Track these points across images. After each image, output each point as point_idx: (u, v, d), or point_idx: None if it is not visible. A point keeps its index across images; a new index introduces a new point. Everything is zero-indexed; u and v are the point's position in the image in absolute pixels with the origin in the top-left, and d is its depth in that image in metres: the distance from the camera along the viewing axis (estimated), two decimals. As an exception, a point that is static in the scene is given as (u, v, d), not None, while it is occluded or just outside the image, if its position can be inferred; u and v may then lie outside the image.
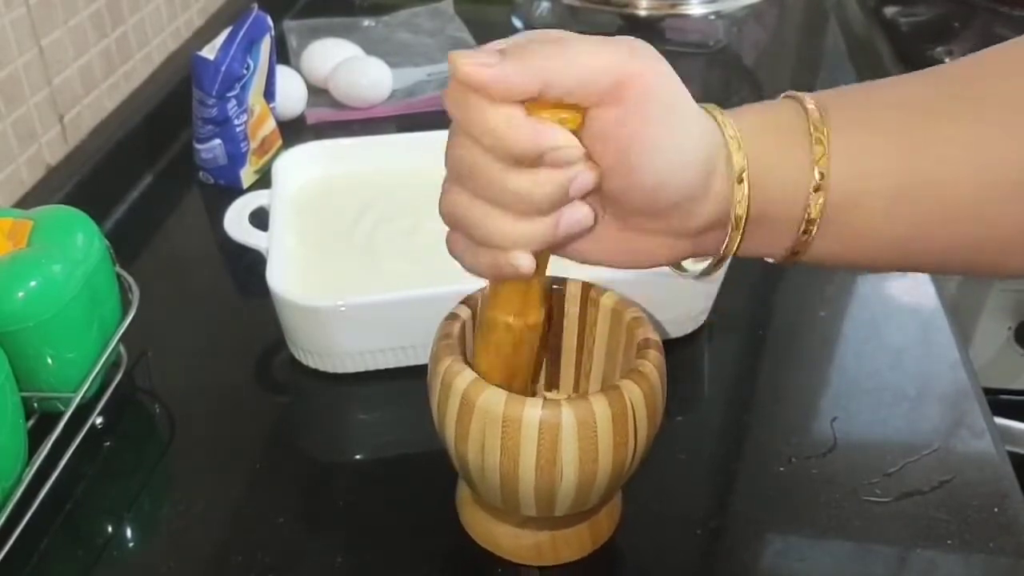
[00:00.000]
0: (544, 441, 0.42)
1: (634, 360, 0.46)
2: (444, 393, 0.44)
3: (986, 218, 0.36)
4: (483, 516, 0.50)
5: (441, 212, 0.38)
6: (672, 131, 0.34)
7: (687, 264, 0.41)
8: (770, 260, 0.39)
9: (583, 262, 0.43)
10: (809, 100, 0.37)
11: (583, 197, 0.36)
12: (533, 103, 0.34)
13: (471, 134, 0.34)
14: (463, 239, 0.38)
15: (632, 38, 0.35)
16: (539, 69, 0.33)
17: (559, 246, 0.38)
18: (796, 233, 0.37)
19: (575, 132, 0.34)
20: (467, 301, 0.49)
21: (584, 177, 0.35)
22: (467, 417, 0.43)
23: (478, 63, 0.33)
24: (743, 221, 0.36)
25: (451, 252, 0.39)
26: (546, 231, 0.36)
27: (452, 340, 0.46)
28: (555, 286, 0.50)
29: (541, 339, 0.46)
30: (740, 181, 0.36)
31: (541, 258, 0.38)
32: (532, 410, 0.42)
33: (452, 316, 0.48)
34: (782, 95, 0.39)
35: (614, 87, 0.33)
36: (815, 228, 0.36)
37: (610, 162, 0.35)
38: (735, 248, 0.37)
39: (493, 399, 0.42)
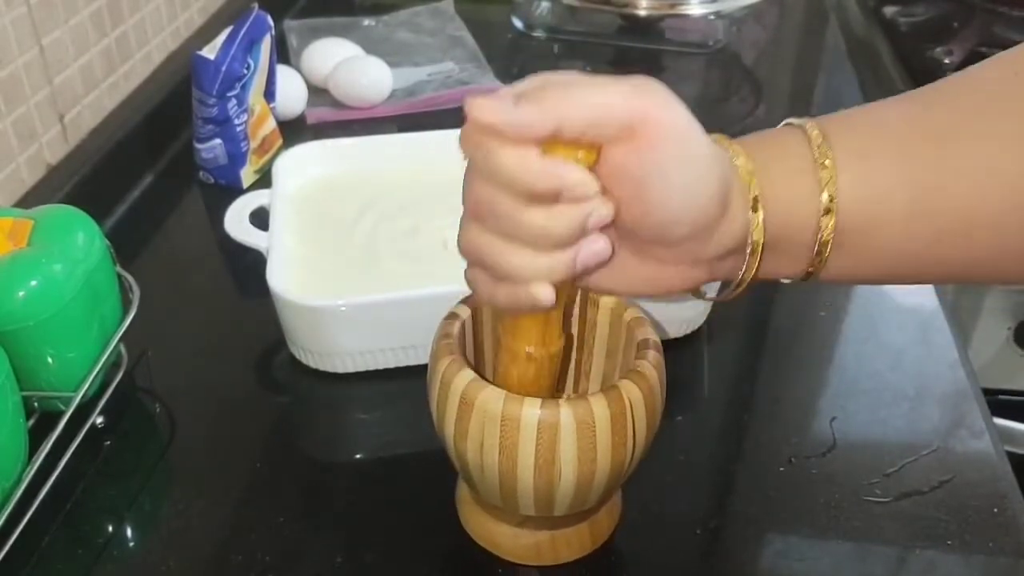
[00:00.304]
0: (543, 440, 0.42)
1: (633, 360, 0.46)
2: (443, 392, 0.44)
3: (1008, 225, 0.36)
4: (482, 516, 0.50)
5: (460, 248, 0.39)
6: (684, 166, 0.35)
7: (705, 287, 0.42)
8: (786, 281, 0.40)
9: (601, 292, 0.44)
10: (810, 125, 0.38)
11: (600, 229, 0.37)
12: (549, 143, 0.34)
13: (487, 173, 0.35)
14: (482, 273, 0.38)
15: (644, 77, 0.35)
16: (552, 110, 0.33)
17: (578, 277, 0.39)
18: (811, 255, 0.38)
19: (591, 168, 0.35)
20: (467, 301, 0.49)
21: (600, 211, 0.35)
22: (466, 416, 0.43)
23: (492, 107, 0.33)
24: (760, 247, 0.37)
25: (470, 286, 0.40)
26: (565, 264, 0.36)
27: (452, 340, 0.46)
28: None
29: (562, 363, 0.46)
30: (755, 209, 0.37)
31: (560, 289, 0.39)
32: (531, 409, 0.42)
33: (452, 316, 0.48)
34: (783, 122, 0.39)
35: (626, 125, 0.34)
36: (828, 249, 0.37)
37: (625, 196, 0.35)
38: (753, 273, 0.38)
39: (492, 398, 0.42)
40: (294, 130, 0.90)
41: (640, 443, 0.44)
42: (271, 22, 0.82)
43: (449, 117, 0.94)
